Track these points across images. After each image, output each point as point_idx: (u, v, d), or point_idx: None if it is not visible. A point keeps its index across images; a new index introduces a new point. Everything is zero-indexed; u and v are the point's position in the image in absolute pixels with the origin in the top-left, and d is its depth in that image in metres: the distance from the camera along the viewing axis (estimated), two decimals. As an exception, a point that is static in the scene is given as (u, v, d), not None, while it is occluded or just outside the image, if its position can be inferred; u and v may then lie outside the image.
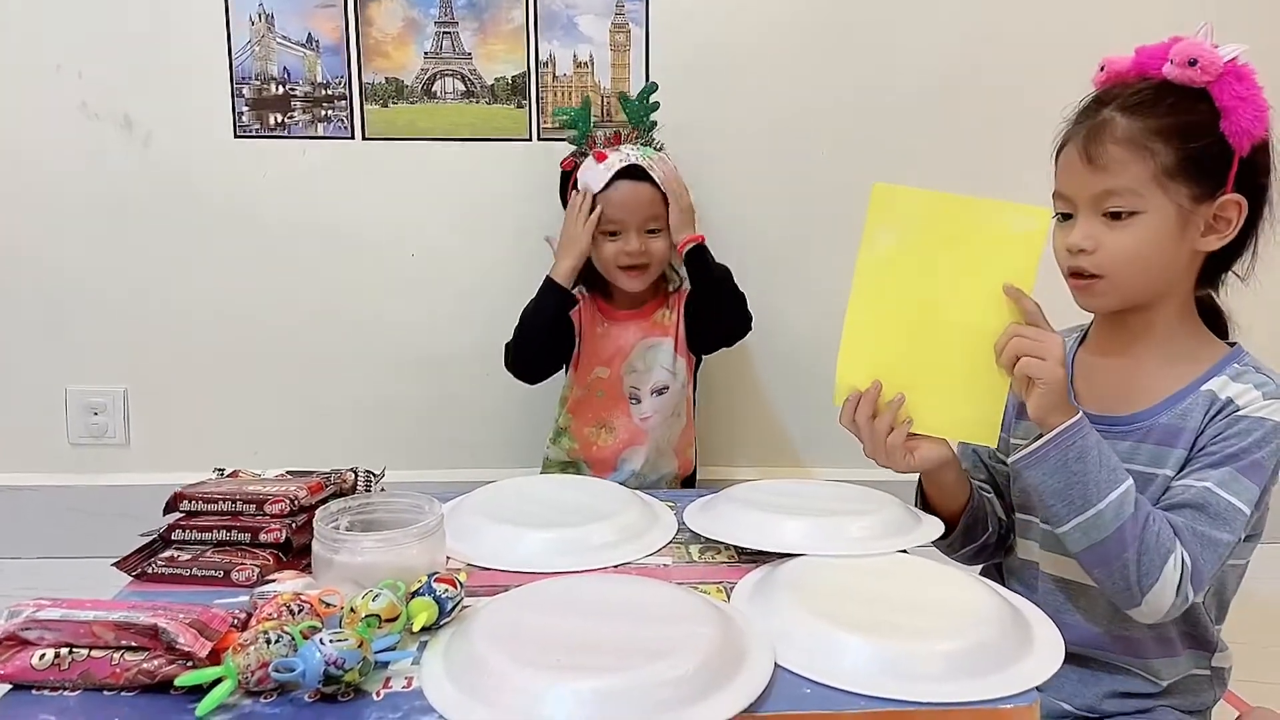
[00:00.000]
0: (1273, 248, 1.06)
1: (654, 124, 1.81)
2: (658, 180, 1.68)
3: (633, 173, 1.69)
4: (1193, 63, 0.97)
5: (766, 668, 0.75)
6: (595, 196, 1.69)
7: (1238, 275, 1.08)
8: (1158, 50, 1.02)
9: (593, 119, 1.82)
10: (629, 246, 1.68)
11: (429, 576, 0.81)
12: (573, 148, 1.80)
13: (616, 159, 1.69)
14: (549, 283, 1.70)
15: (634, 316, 1.79)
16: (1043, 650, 0.80)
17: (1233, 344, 1.09)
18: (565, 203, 1.76)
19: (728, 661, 0.74)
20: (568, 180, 1.77)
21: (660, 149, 1.77)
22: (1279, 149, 1.04)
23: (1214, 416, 1.00)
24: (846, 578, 0.88)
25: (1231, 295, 1.11)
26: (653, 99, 1.81)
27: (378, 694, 0.73)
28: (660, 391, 1.76)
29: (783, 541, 0.98)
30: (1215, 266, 1.06)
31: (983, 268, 0.99)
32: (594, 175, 1.70)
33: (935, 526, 1.06)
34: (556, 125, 1.82)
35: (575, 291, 1.74)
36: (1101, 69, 1.06)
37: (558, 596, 0.84)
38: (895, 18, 1.98)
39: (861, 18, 1.98)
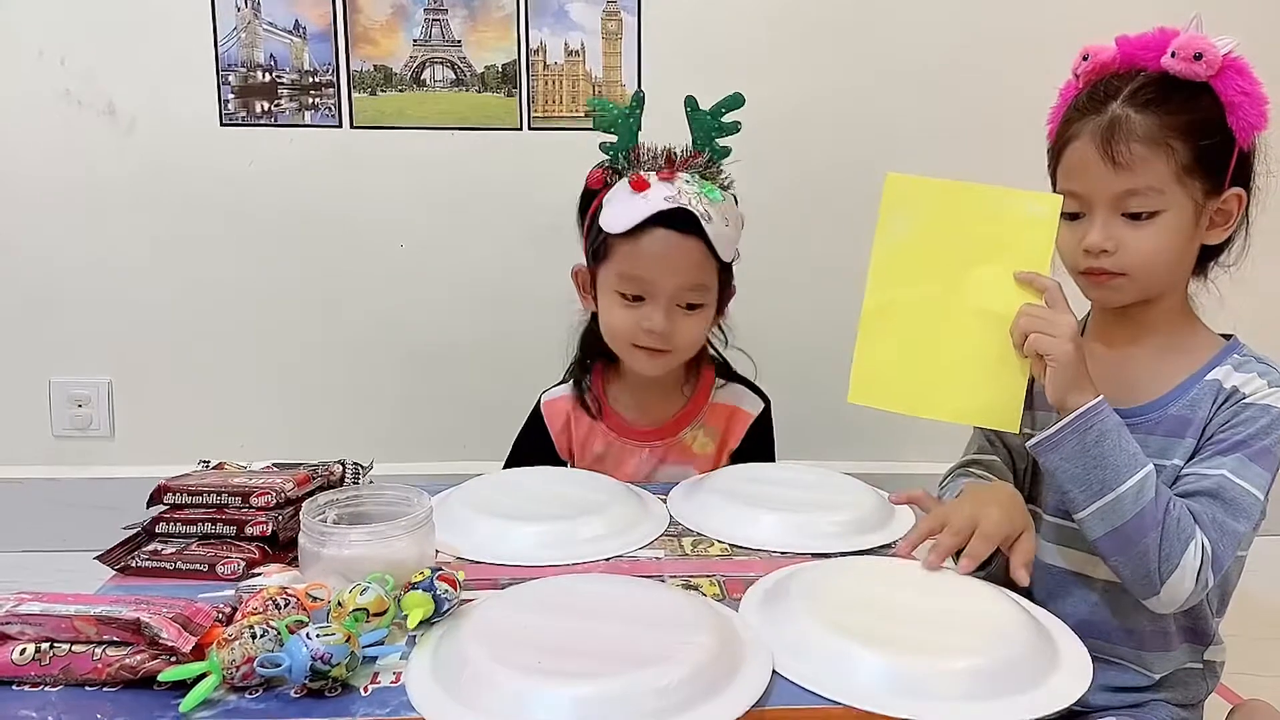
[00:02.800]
0: (1261, 237, 1.07)
1: (726, 151, 1.27)
2: (712, 236, 1.17)
3: (678, 219, 1.17)
4: (1198, 56, 0.97)
5: (760, 681, 0.73)
6: (614, 241, 1.19)
7: (1222, 265, 1.08)
8: (1148, 41, 1.02)
9: (640, 125, 1.25)
10: (651, 322, 1.19)
11: (433, 572, 0.80)
12: (605, 157, 1.26)
13: (661, 193, 1.16)
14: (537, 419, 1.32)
15: (649, 435, 1.30)
16: (1069, 669, 0.77)
17: (1228, 336, 1.09)
18: (584, 232, 1.28)
19: (719, 673, 0.72)
20: (589, 204, 1.25)
21: (729, 186, 1.26)
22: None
23: (1221, 405, 1.01)
24: (862, 587, 0.86)
25: (1222, 285, 1.11)
26: (730, 117, 1.27)
27: (365, 689, 0.72)
28: None
29: (754, 537, 1.01)
30: (1204, 256, 1.07)
31: (998, 254, 0.99)
32: (621, 209, 1.18)
33: (905, 522, 1.06)
34: (588, 121, 1.24)
35: (567, 385, 1.34)
36: (1085, 58, 1.05)
37: (554, 596, 0.82)
38: (895, 3, 1.97)
39: (859, 4, 1.96)
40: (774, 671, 0.74)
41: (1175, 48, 0.98)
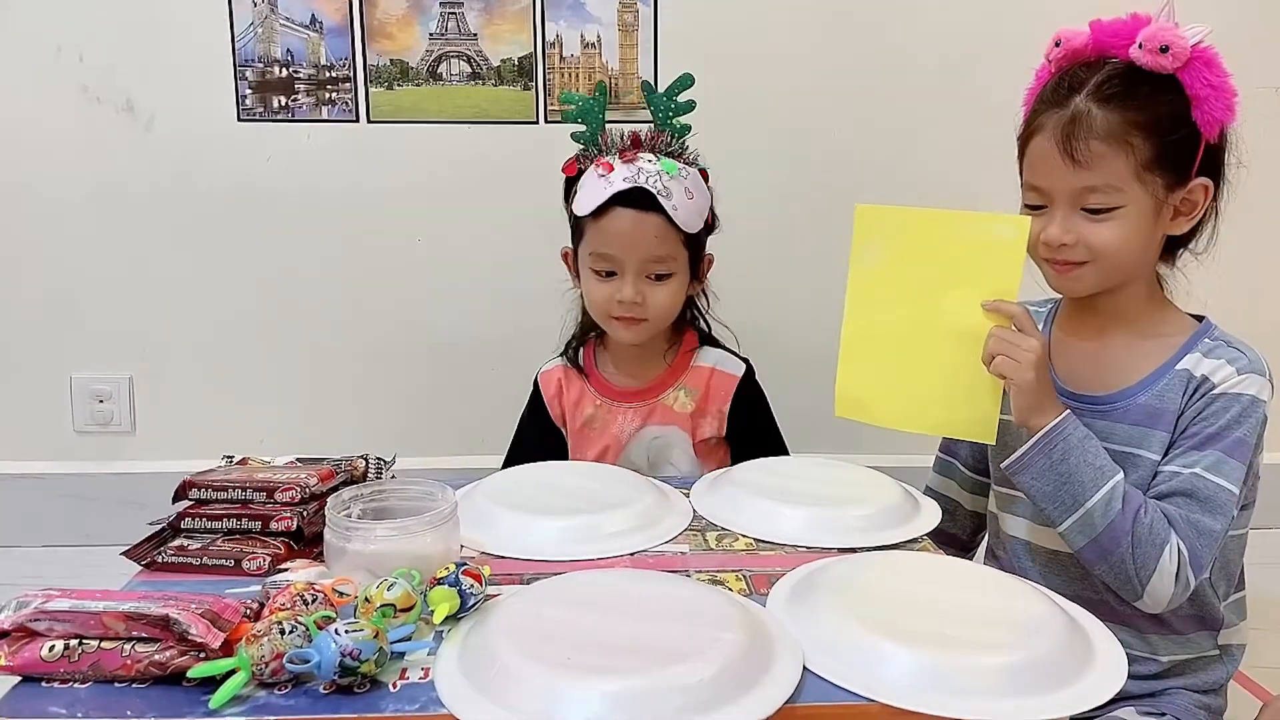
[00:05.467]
0: (1229, 222, 1.07)
1: (685, 129, 1.34)
2: (669, 210, 1.25)
3: (637, 197, 1.25)
4: (1164, 49, 0.96)
5: (792, 677, 0.72)
6: (584, 221, 1.30)
7: (1192, 251, 1.09)
8: (1119, 29, 1.01)
9: (605, 113, 1.33)
10: (623, 294, 1.28)
11: (457, 567, 0.80)
12: (579, 146, 1.35)
13: (622, 174, 1.25)
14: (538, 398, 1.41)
15: (634, 396, 1.38)
16: (1104, 666, 0.76)
17: (1200, 317, 1.09)
18: (569, 220, 1.38)
19: (750, 669, 0.71)
20: (570, 190, 1.35)
21: (695, 160, 1.34)
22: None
23: (1192, 396, 1.02)
24: (891, 582, 0.85)
25: (1193, 269, 1.11)
26: (686, 96, 1.34)
27: (394, 685, 0.72)
28: None
29: (780, 532, 1.01)
30: (1173, 243, 1.07)
31: (970, 277, 1.02)
32: (588, 192, 1.27)
33: (932, 516, 1.06)
34: (560, 116, 1.34)
35: (560, 358, 1.44)
36: (1058, 44, 1.05)
37: (580, 591, 0.81)
38: (909, -4, 1.95)
39: (874, -4, 1.95)
40: (804, 668, 0.73)
41: (1142, 39, 0.97)
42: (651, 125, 1.33)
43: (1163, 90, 0.98)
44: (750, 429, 1.36)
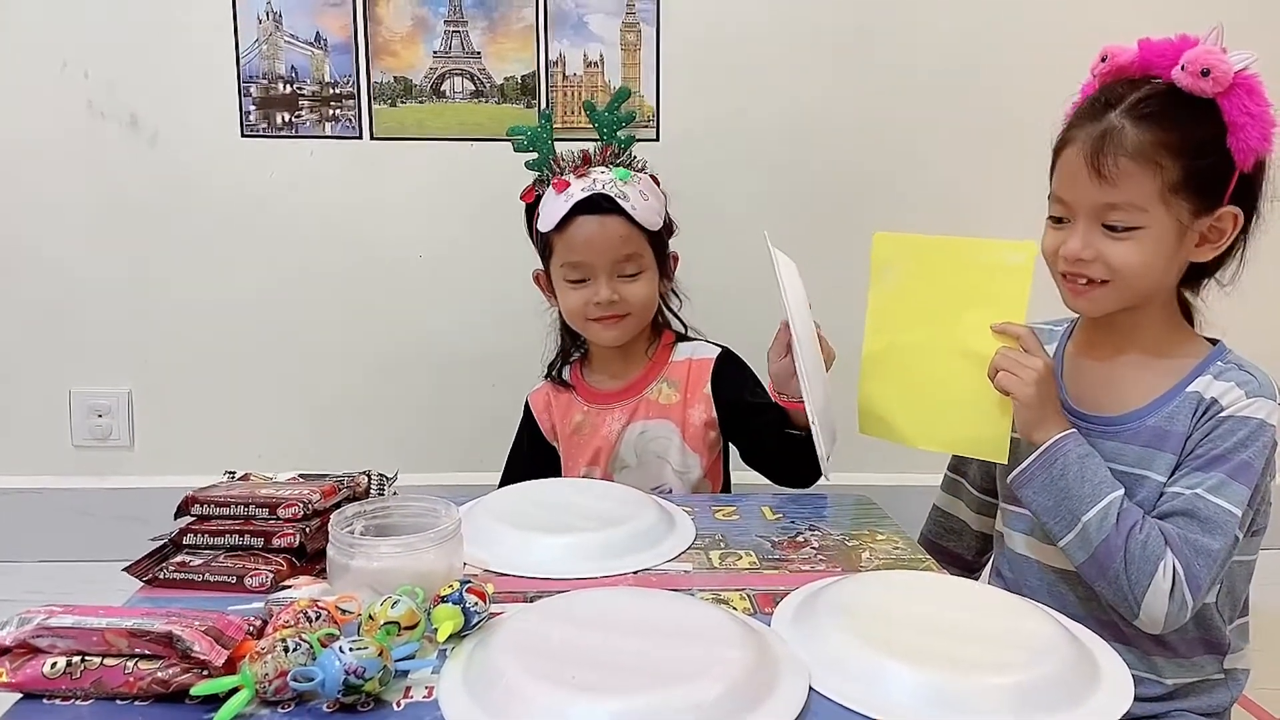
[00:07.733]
0: (1259, 251, 1.06)
1: (630, 140, 1.41)
2: (629, 210, 1.32)
3: (597, 203, 1.33)
4: (1206, 73, 0.96)
5: (798, 698, 0.71)
6: (551, 237, 1.36)
7: (1218, 281, 1.08)
8: (1166, 49, 1.00)
9: (553, 138, 1.40)
10: (598, 296, 1.34)
11: (461, 584, 0.79)
12: (535, 174, 1.41)
13: (579, 186, 1.33)
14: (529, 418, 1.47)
15: (619, 396, 1.42)
16: (1110, 688, 0.75)
17: (1214, 341, 1.09)
18: (532, 241, 1.45)
19: (756, 689, 0.71)
20: (533, 216, 1.42)
21: (644, 168, 1.40)
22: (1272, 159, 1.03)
23: (1200, 418, 1.01)
24: (896, 602, 0.85)
25: (1215, 294, 1.10)
26: (626, 108, 1.41)
27: (398, 704, 0.72)
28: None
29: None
30: (1198, 270, 1.06)
31: (980, 301, 1.05)
32: (549, 210, 1.35)
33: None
34: (515, 146, 1.39)
35: (547, 383, 1.49)
36: (1103, 59, 1.04)
37: (585, 610, 0.81)
38: (909, 14, 1.97)
39: (875, 16, 1.96)
40: (810, 688, 0.73)
41: (1185, 61, 0.97)
42: (597, 142, 1.40)
43: (1200, 114, 0.97)
44: (738, 399, 1.37)
